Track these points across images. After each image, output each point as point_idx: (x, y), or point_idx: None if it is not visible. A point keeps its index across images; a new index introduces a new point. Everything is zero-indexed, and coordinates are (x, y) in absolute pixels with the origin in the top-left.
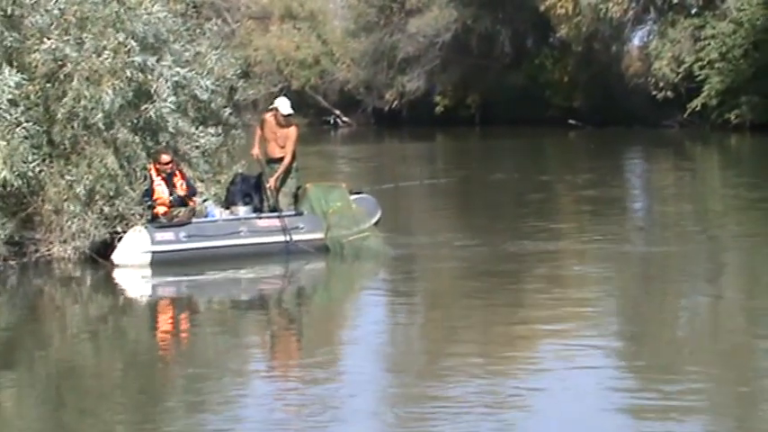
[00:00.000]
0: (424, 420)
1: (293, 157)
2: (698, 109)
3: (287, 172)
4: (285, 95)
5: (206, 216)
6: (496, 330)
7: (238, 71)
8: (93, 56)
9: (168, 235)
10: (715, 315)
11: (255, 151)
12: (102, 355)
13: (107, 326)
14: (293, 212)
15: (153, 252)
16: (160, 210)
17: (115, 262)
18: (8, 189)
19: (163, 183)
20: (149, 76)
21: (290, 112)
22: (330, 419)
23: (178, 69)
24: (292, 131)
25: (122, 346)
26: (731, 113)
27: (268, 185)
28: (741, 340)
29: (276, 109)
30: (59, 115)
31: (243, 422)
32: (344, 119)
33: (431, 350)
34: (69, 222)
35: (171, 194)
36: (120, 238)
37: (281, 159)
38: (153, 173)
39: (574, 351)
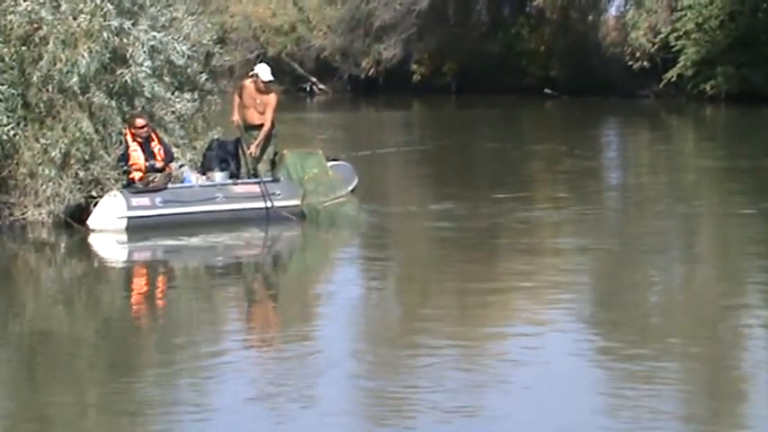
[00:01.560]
0: (395, 392)
1: (272, 124)
2: (674, 79)
3: (266, 139)
4: (264, 62)
5: (182, 182)
6: (471, 298)
7: (215, 37)
8: (70, 18)
9: (144, 200)
10: (689, 284)
11: (235, 117)
12: (76, 319)
13: (81, 291)
14: (270, 179)
15: (129, 217)
16: (136, 175)
17: (90, 227)
18: None
19: (138, 147)
20: (125, 40)
21: (271, 78)
22: (305, 387)
23: (154, 34)
24: (272, 98)
25: (96, 310)
26: (707, 84)
27: (249, 152)
28: (714, 310)
29: (256, 75)
30: (35, 78)
31: (216, 388)
32: (321, 86)
33: (405, 318)
34: (44, 186)
35: (147, 160)
36: (96, 202)
37: (259, 126)
38: (128, 137)
39: (547, 318)
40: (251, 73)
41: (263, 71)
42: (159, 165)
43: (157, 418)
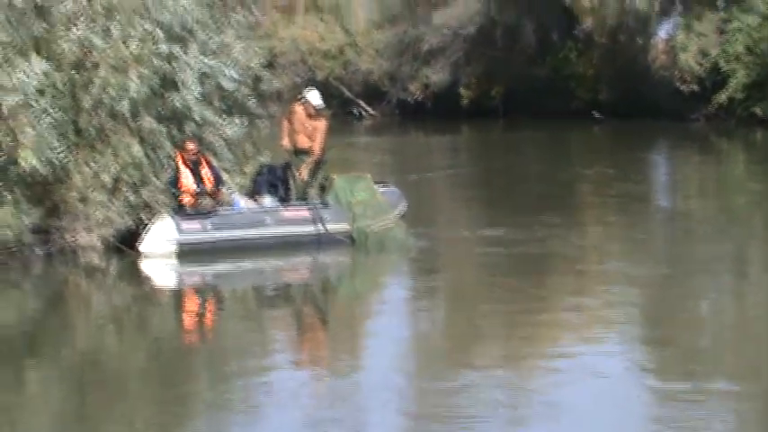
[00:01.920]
0: (445, 415)
1: (322, 149)
2: (724, 102)
3: (316, 163)
4: (315, 87)
5: (231, 206)
6: (519, 321)
7: (263, 61)
8: (120, 44)
9: (194, 225)
10: (739, 307)
11: (285, 142)
12: (127, 343)
13: (132, 315)
14: (319, 203)
15: (179, 242)
16: (186, 199)
17: (141, 251)
18: (35, 177)
19: (189, 172)
20: (175, 66)
21: (321, 104)
22: (352, 413)
23: (204, 59)
24: (322, 123)
25: (147, 335)
26: (757, 107)
27: (299, 176)
28: (765, 332)
29: (306, 100)
30: (86, 104)
31: (265, 414)
32: (369, 110)
33: (453, 346)
34: (95, 211)
35: (197, 184)
36: (146, 227)
37: (309, 150)
38: (179, 162)
39: (597, 340)
40: (300, 98)
41: (313, 96)
42: (209, 189)
43: None
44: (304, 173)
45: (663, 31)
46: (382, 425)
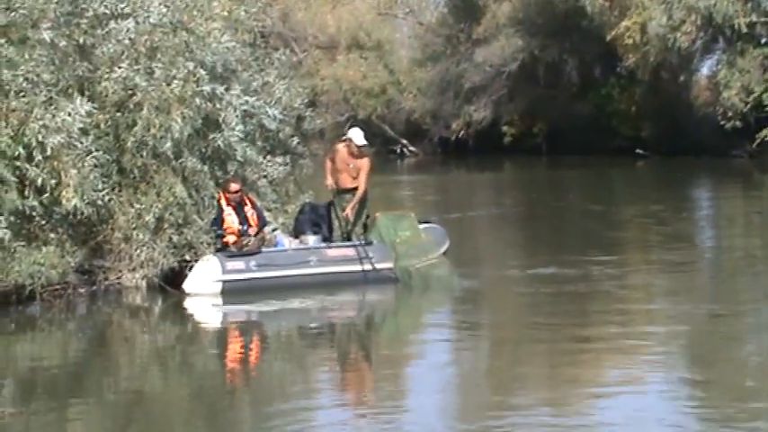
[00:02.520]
0: None
1: (366, 190)
2: (767, 139)
3: (360, 202)
4: (358, 126)
5: (275, 245)
6: (563, 361)
7: (306, 100)
8: (163, 85)
9: (239, 264)
10: None
11: (329, 182)
12: (171, 383)
13: (176, 355)
14: (363, 241)
15: (224, 281)
16: (230, 239)
17: (186, 290)
18: (78, 217)
19: (233, 211)
20: (218, 105)
21: (365, 142)
22: None
23: (246, 98)
24: (366, 162)
25: (191, 375)
26: None
27: (344, 214)
28: None
29: (350, 139)
30: (129, 144)
31: None
32: (411, 148)
33: (496, 387)
34: (138, 251)
35: (241, 224)
36: (190, 266)
37: (352, 190)
38: (223, 202)
39: (640, 380)
40: (344, 137)
41: (357, 135)
42: (253, 228)
43: None
44: (349, 212)
45: (705, 68)
46: None
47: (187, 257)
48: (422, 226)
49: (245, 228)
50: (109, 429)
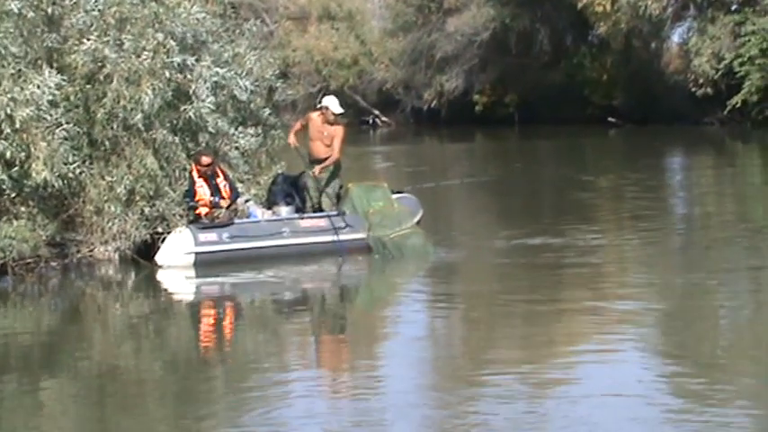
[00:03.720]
0: (466, 424)
1: (339, 157)
2: (738, 106)
3: (333, 172)
4: (332, 94)
5: (248, 217)
6: (537, 331)
7: (277, 71)
8: (133, 56)
9: (211, 236)
10: (758, 311)
11: (292, 140)
12: (145, 356)
13: (149, 327)
14: (335, 212)
15: (196, 253)
16: (202, 210)
17: (158, 263)
18: (49, 190)
19: (204, 183)
20: (188, 77)
21: (342, 111)
22: (373, 423)
23: (217, 70)
24: (340, 129)
25: (165, 347)
26: None
27: (313, 172)
28: None
29: (326, 107)
30: (99, 116)
31: (284, 425)
32: (383, 119)
33: (472, 352)
34: (110, 223)
35: (212, 195)
36: (162, 238)
37: (325, 159)
38: (194, 174)
39: (613, 352)
40: (319, 105)
41: (333, 104)
42: (225, 201)
43: None
44: (317, 171)
45: (677, 35)
46: None
47: (159, 230)
48: (395, 196)
49: (217, 199)
50: (82, 403)
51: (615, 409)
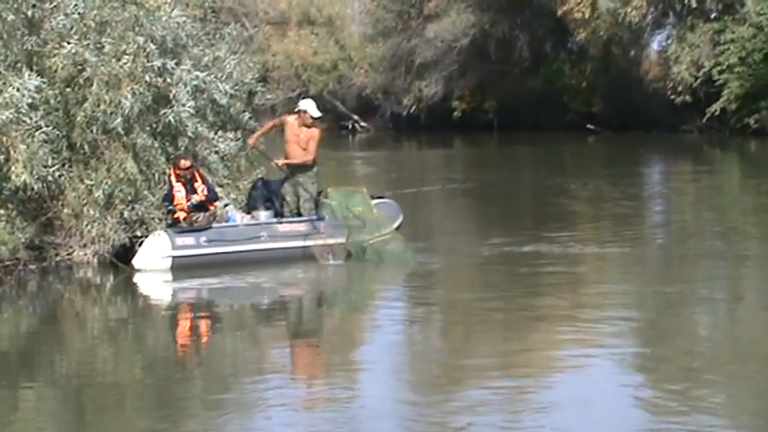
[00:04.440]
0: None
1: (314, 160)
2: (717, 114)
3: (312, 175)
4: (309, 98)
5: (227, 221)
6: (515, 338)
7: (257, 76)
8: (113, 60)
9: (189, 240)
10: (733, 321)
11: (253, 141)
12: (122, 360)
13: (127, 331)
14: (314, 217)
15: (174, 257)
16: (180, 215)
17: (136, 266)
18: (28, 193)
19: (183, 188)
20: (168, 81)
21: (320, 114)
22: (348, 430)
23: (197, 73)
24: (316, 132)
25: (142, 351)
26: (751, 118)
27: (275, 162)
28: (759, 345)
29: (304, 111)
30: (79, 119)
31: (261, 429)
32: (362, 124)
33: (449, 360)
34: (89, 227)
35: (190, 199)
36: (141, 242)
37: (303, 164)
38: (173, 178)
39: (590, 360)
40: (298, 109)
41: (312, 107)
42: (202, 199)
43: None
44: (310, 187)
45: (656, 43)
46: None
47: (138, 233)
48: (374, 201)
49: (193, 202)
50: (60, 406)
51: (591, 417)
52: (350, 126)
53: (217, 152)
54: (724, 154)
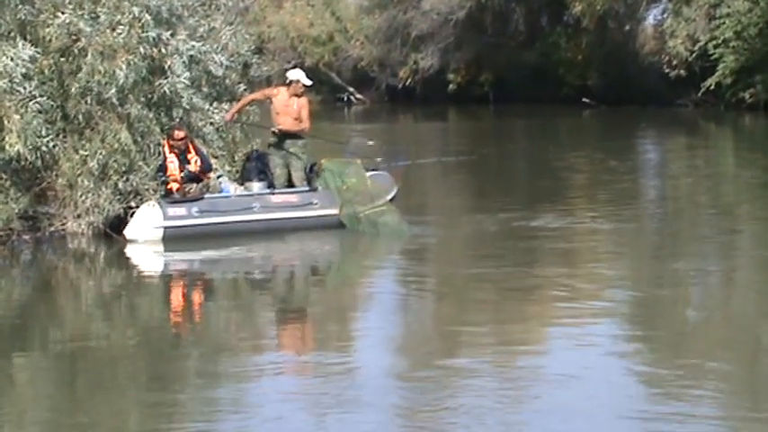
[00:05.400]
0: (432, 409)
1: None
2: (712, 88)
3: (302, 146)
4: (298, 67)
5: (220, 192)
6: (509, 311)
7: (252, 47)
8: (108, 30)
9: (180, 210)
10: (727, 294)
11: (230, 116)
12: (115, 331)
13: (119, 302)
14: (307, 188)
15: (165, 227)
16: (173, 186)
17: (127, 237)
18: (22, 163)
19: (176, 159)
20: (163, 51)
21: (310, 82)
22: (341, 400)
23: (193, 44)
24: (305, 101)
25: (135, 321)
26: (746, 92)
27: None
28: (751, 320)
29: (296, 81)
30: (73, 90)
31: (254, 399)
32: (358, 96)
33: (443, 332)
34: (83, 197)
35: (183, 170)
36: (134, 213)
37: (296, 133)
38: (166, 149)
39: (584, 334)
40: (289, 80)
41: (303, 76)
42: (195, 171)
43: (196, 427)
44: (302, 158)
45: (651, 17)
46: (372, 420)
47: (133, 204)
48: (369, 173)
49: (187, 172)
50: (54, 376)
51: (586, 391)
52: (345, 98)
53: (212, 123)
54: (719, 128)
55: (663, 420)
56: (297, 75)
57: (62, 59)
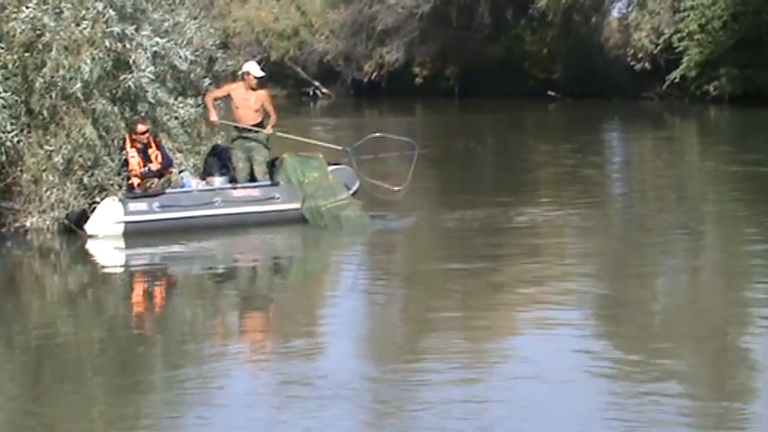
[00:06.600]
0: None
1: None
2: (677, 81)
3: (263, 140)
4: (254, 61)
5: (182, 187)
6: (475, 305)
7: (217, 42)
8: (72, 25)
9: (141, 205)
10: (693, 286)
11: (215, 118)
12: (79, 327)
13: (83, 297)
14: (269, 182)
15: (126, 222)
16: (134, 181)
17: (88, 232)
18: None
19: (137, 154)
20: (128, 46)
21: (263, 74)
22: (305, 395)
23: (157, 39)
24: (265, 93)
25: (99, 318)
26: (710, 85)
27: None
28: (718, 312)
29: (247, 73)
30: (38, 85)
31: (218, 393)
32: (323, 90)
33: (408, 328)
34: (48, 192)
35: (144, 166)
36: (95, 208)
37: (258, 125)
38: (127, 144)
39: (551, 328)
40: (241, 72)
41: (254, 68)
42: (155, 167)
43: (160, 424)
44: (263, 151)
45: (616, 10)
46: (338, 417)
47: (98, 200)
48: (331, 167)
49: (147, 170)
50: (17, 375)
51: (554, 390)
52: (311, 92)
53: (176, 118)
54: (683, 121)
55: (631, 412)
56: (248, 66)
57: (26, 54)
